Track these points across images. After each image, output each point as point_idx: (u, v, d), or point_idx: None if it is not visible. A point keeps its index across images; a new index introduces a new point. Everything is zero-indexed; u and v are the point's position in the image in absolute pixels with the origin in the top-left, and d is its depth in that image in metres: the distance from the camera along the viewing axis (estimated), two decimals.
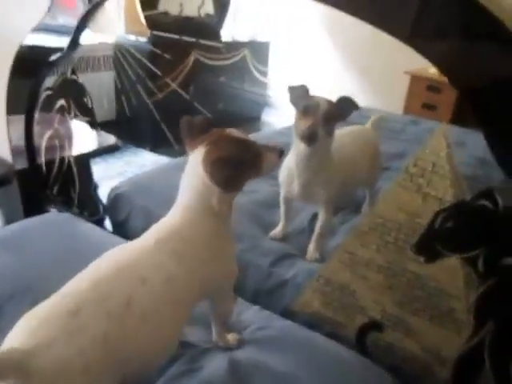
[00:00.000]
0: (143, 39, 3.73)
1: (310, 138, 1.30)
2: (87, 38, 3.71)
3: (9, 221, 1.76)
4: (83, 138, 1.71)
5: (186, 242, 0.90)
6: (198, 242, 0.91)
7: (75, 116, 1.63)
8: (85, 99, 1.65)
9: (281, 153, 0.97)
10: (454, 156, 0.95)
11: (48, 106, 1.63)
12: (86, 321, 0.73)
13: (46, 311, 0.75)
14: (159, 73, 3.76)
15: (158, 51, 3.73)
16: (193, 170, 0.91)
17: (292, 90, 1.44)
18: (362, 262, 1.15)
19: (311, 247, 1.54)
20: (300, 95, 1.40)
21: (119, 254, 0.88)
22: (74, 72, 1.62)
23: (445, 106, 3.71)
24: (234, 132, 0.94)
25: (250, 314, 1.26)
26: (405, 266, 1.09)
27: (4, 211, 1.93)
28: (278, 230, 1.62)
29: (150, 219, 0.99)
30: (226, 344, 1.09)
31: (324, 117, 1.32)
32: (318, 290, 1.26)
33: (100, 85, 3.89)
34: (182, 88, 3.94)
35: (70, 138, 1.69)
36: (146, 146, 3.91)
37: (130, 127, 4.00)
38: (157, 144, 3.81)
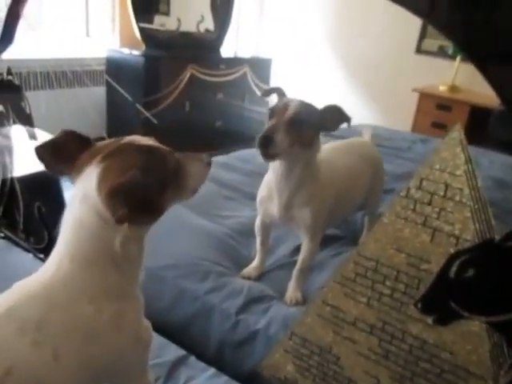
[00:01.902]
0: (137, 53, 3.54)
1: (261, 143, 1.03)
2: (77, 51, 3.56)
3: None
4: (27, 151, 1.45)
5: (53, 308, 0.61)
6: (78, 306, 0.62)
7: (14, 123, 1.38)
8: (22, 103, 1.40)
9: (208, 162, 0.73)
10: (476, 175, 0.66)
11: None
12: None
13: None
14: (153, 88, 3.55)
15: (153, 66, 3.53)
16: (81, 201, 0.62)
17: (266, 93, 1.19)
18: (348, 319, 0.84)
19: (291, 286, 1.24)
20: (276, 99, 1.14)
21: None
22: (9, 72, 1.37)
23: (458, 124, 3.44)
24: (137, 139, 0.66)
25: (200, 381, 0.96)
26: (406, 328, 0.78)
27: None
28: (251, 268, 1.32)
29: None
30: None
31: (291, 121, 1.05)
32: (291, 351, 0.95)
33: (90, 100, 3.70)
34: (177, 104, 3.72)
35: (10, 151, 1.43)
36: None
37: None
38: None
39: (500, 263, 0.67)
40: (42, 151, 0.66)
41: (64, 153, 0.65)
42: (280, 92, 1.19)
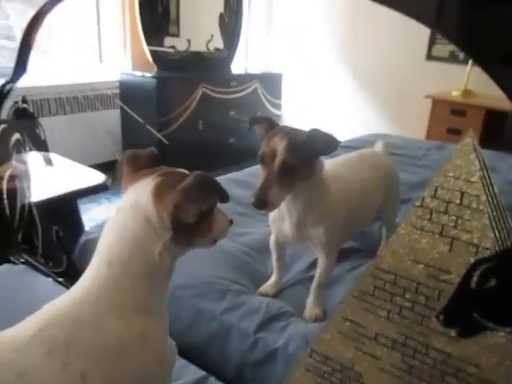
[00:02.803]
0: (149, 75, 3.60)
1: (258, 206, 1.03)
2: (90, 76, 3.65)
3: None
4: (44, 177, 1.47)
5: (82, 325, 0.62)
6: (106, 321, 0.63)
7: (30, 150, 1.40)
8: (37, 130, 1.43)
9: (231, 220, 0.79)
10: (492, 180, 0.64)
11: (3, 141, 1.41)
12: None
13: None
14: (166, 109, 3.60)
15: (165, 87, 3.59)
16: (132, 206, 0.67)
17: (253, 122, 1.17)
18: (369, 334, 0.82)
19: (309, 302, 1.21)
20: (264, 130, 1.12)
21: None
22: (24, 100, 1.40)
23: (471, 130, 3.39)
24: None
25: None
26: (429, 342, 0.75)
27: None
28: (268, 285, 1.31)
29: None
30: None
31: (282, 170, 1.03)
32: (312, 369, 0.92)
33: (105, 123, 3.77)
34: (190, 123, 3.77)
35: (28, 177, 1.46)
36: None
37: None
38: None
39: None
40: (128, 157, 0.74)
41: (136, 164, 0.73)
42: (268, 122, 1.13)
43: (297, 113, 4.80)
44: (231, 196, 1.93)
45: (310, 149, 1.05)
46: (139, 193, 0.68)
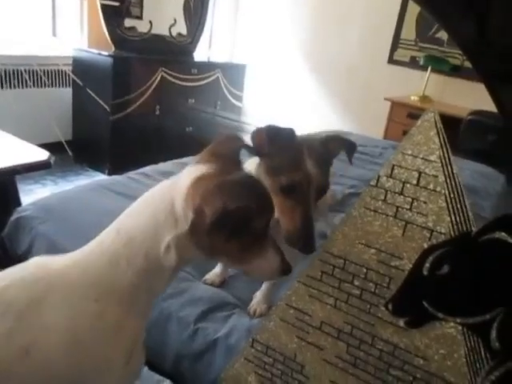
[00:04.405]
0: (106, 53, 3.42)
1: (308, 251, 0.82)
2: (41, 48, 3.43)
3: None
4: None
5: (52, 295, 0.58)
6: (82, 298, 0.58)
7: None
8: None
9: (285, 270, 0.64)
10: (452, 160, 0.60)
11: None
12: None
13: None
14: (122, 90, 3.44)
15: (122, 67, 3.43)
16: (167, 186, 0.62)
17: (258, 134, 0.87)
18: (314, 323, 0.77)
19: (258, 296, 1.15)
20: (281, 147, 0.86)
21: None
22: None
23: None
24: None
25: None
26: (376, 332, 0.71)
27: None
28: (214, 273, 1.23)
29: (56, 252, 0.69)
30: None
31: (319, 192, 0.87)
32: (253, 359, 0.86)
33: (55, 101, 3.56)
34: (147, 108, 3.62)
35: None
36: (103, 170, 3.56)
37: (88, 149, 3.66)
38: (115, 168, 3.44)
39: (477, 259, 0.61)
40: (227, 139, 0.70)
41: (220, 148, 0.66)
42: (291, 135, 0.89)
43: (258, 105, 4.75)
44: None
45: (329, 159, 0.92)
46: (184, 175, 0.62)
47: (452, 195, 0.59)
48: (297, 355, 0.80)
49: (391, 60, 4.05)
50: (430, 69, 3.67)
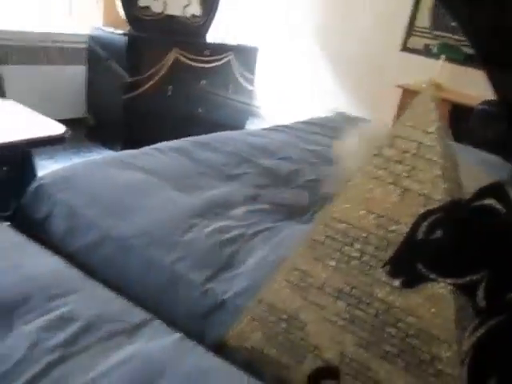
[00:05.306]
0: (120, 32, 3.46)
1: None
2: (57, 27, 3.47)
3: None
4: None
5: None
6: None
7: None
8: None
9: None
10: (447, 132, 0.65)
11: None
12: None
13: None
14: (136, 70, 3.49)
15: (136, 46, 3.47)
16: None
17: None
18: (316, 283, 0.83)
19: None
20: None
21: None
22: None
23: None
24: None
25: (166, 343, 0.93)
26: (373, 292, 0.77)
27: None
28: None
29: (75, 219, 0.70)
30: None
31: None
32: (258, 318, 0.93)
33: (70, 79, 3.62)
34: (159, 88, 3.67)
35: None
36: (115, 148, 3.63)
37: (101, 126, 3.72)
38: (127, 146, 3.51)
39: (467, 224, 0.66)
40: None
41: None
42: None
43: (269, 89, 4.77)
44: (194, 158, 1.90)
45: None
46: None
47: (447, 164, 0.64)
48: (299, 314, 0.87)
49: (405, 47, 4.04)
50: (443, 57, 3.66)
